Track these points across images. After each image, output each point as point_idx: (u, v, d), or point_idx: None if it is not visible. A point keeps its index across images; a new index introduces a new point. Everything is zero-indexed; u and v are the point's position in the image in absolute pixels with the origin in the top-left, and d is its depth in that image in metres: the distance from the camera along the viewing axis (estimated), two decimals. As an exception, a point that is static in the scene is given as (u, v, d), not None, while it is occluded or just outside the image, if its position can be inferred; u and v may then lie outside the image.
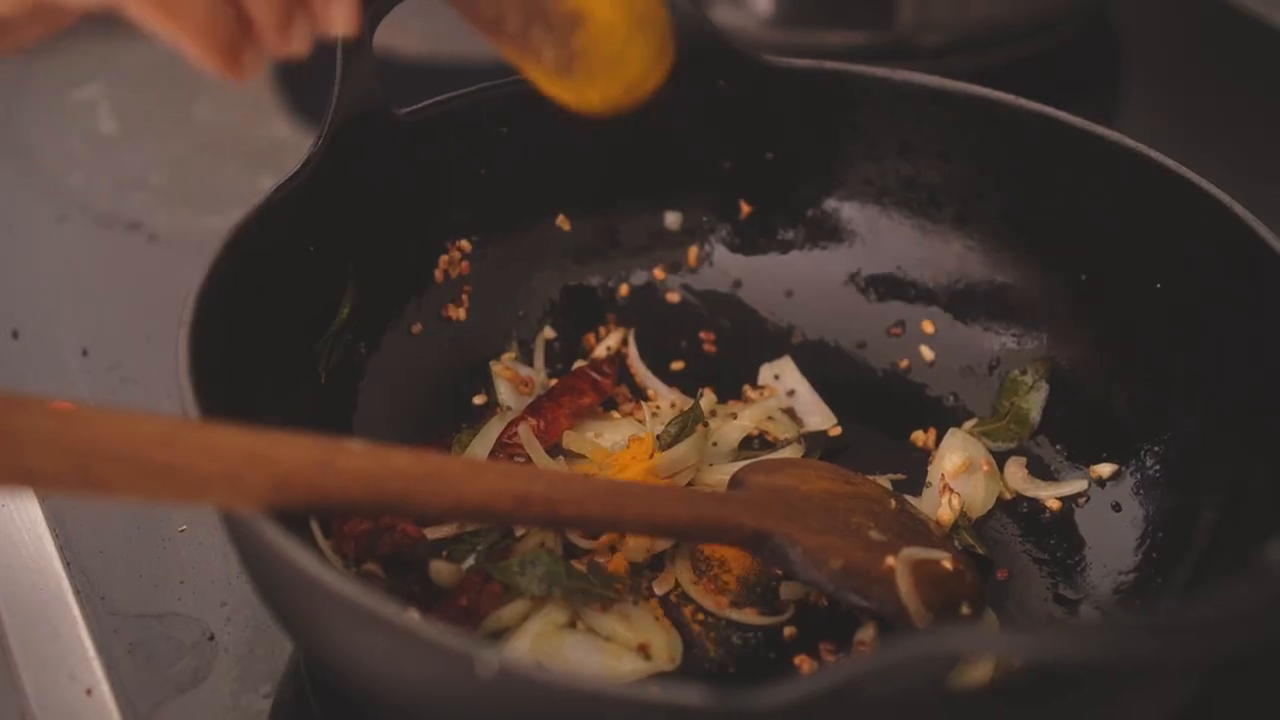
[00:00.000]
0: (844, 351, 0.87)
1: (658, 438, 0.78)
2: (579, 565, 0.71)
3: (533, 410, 0.80)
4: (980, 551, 0.75)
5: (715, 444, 0.80)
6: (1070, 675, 0.50)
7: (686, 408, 0.80)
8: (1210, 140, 1.11)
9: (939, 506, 0.77)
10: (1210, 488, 0.72)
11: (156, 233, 1.04)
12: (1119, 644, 0.46)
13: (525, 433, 0.77)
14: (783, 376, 0.86)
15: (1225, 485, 0.71)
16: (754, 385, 0.86)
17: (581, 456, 0.79)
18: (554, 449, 0.79)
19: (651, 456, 0.76)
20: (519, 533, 0.73)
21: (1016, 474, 0.79)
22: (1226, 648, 0.45)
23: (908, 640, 0.47)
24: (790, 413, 0.84)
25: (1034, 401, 0.82)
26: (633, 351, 0.87)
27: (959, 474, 0.78)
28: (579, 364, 0.86)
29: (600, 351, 0.87)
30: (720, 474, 0.78)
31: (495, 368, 0.84)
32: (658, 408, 0.82)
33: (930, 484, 0.79)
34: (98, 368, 0.90)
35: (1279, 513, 0.65)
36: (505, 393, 0.83)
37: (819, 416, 0.84)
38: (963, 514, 0.77)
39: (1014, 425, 0.81)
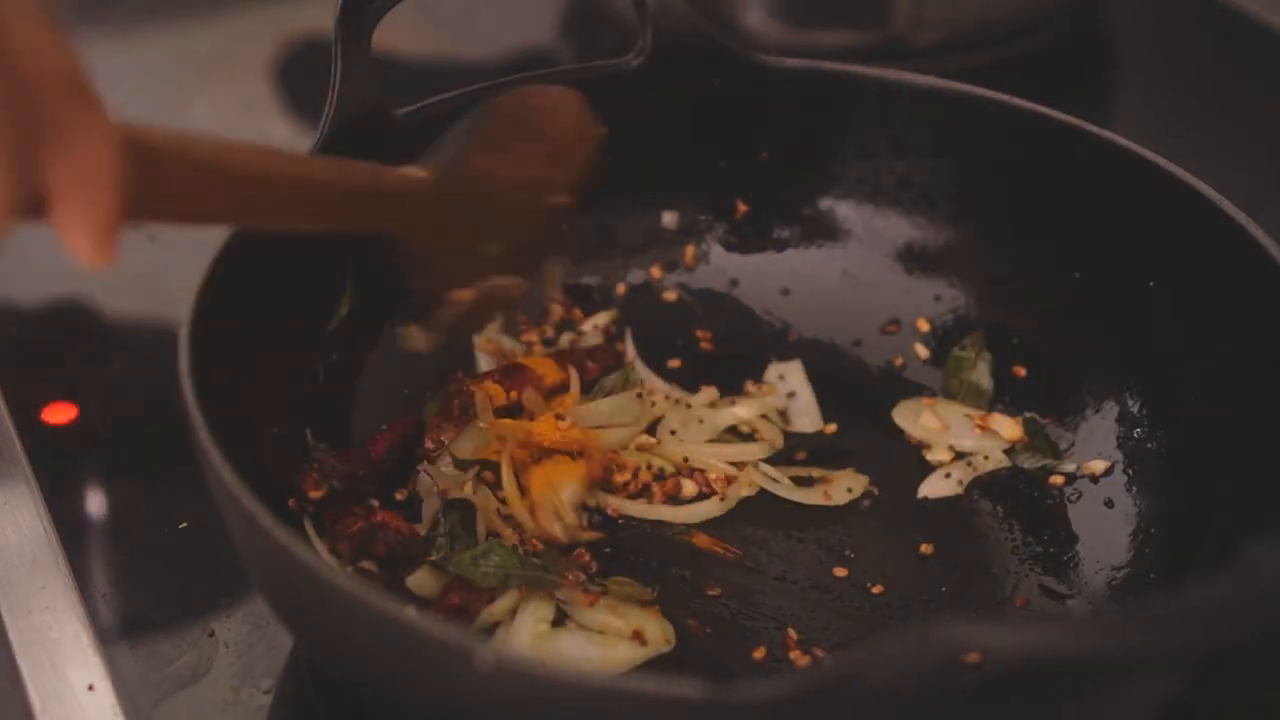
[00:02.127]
0: (840, 349, 0.88)
1: (592, 391, 0.80)
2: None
3: (503, 374, 0.80)
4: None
5: (702, 421, 0.81)
6: (1061, 668, 0.51)
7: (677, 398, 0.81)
8: (1201, 138, 1.11)
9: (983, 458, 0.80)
10: (1203, 484, 0.72)
11: (156, 233, 1.04)
12: (1108, 638, 0.46)
13: (481, 398, 0.77)
14: (787, 378, 0.86)
15: (1217, 482, 0.72)
16: (756, 381, 0.86)
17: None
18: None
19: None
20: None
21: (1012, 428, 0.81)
22: (1210, 642, 0.46)
23: (902, 635, 0.48)
24: (784, 414, 0.84)
25: (982, 371, 0.83)
26: (630, 349, 0.87)
27: (947, 431, 0.81)
28: (570, 338, 0.86)
29: (587, 327, 0.87)
30: (691, 450, 0.80)
31: (478, 339, 0.85)
32: (653, 402, 0.83)
33: (941, 462, 0.80)
34: (99, 369, 0.91)
35: (1265, 510, 0.66)
36: (486, 366, 0.84)
37: (809, 419, 0.84)
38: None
39: (970, 399, 0.83)
